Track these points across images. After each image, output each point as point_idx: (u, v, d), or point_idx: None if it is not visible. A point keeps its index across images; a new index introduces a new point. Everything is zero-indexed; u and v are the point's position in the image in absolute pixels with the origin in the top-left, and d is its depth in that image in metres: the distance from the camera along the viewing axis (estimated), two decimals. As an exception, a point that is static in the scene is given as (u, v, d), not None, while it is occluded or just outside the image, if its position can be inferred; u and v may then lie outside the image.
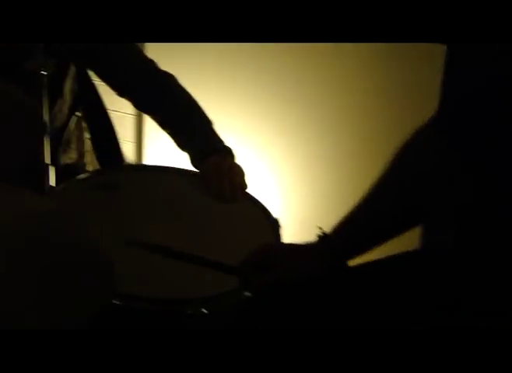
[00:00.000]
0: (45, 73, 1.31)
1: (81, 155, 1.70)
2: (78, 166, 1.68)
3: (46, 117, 1.34)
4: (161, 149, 2.31)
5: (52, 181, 1.42)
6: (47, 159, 1.38)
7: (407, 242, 1.04)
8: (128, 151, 2.49)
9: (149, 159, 2.48)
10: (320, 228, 1.02)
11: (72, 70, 1.52)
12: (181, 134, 1.51)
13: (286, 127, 2.15)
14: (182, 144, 1.50)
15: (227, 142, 1.48)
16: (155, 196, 1.34)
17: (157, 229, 1.21)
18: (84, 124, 1.65)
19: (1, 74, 1.30)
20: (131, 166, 1.71)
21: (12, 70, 1.42)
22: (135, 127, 2.43)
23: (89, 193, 1.31)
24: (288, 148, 2.18)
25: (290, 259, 1.02)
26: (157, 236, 1.19)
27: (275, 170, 2.23)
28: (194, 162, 1.46)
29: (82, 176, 1.37)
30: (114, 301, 1.01)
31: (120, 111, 2.21)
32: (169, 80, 1.56)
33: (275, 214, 1.33)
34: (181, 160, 1.51)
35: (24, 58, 1.36)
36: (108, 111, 1.67)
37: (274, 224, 1.29)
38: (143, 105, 1.56)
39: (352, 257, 1.01)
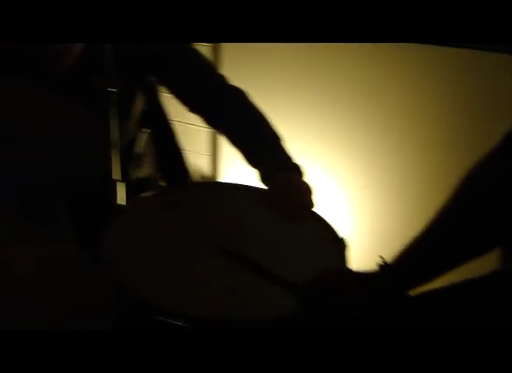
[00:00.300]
0: (114, 90, 1.33)
1: (154, 169, 1.72)
2: (152, 180, 1.70)
3: (115, 134, 1.36)
4: (236, 162, 2.32)
5: (121, 196, 1.44)
6: (116, 175, 1.40)
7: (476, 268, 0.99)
8: (203, 165, 2.51)
9: (223, 172, 2.49)
10: (381, 257, 0.99)
11: (141, 86, 1.54)
12: (251, 151, 1.50)
13: (354, 143, 2.12)
14: (251, 161, 1.49)
15: (296, 159, 1.46)
16: (219, 213, 1.33)
17: (216, 247, 1.20)
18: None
19: (69, 91, 1.33)
20: (196, 184, 1.71)
21: (80, 87, 1.45)
22: (210, 141, 2.44)
23: (153, 212, 1.31)
24: (356, 164, 2.15)
25: (353, 286, 0.99)
26: (217, 254, 1.18)
27: (343, 186, 2.20)
28: (262, 179, 1.44)
29: (147, 193, 1.37)
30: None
31: (195, 124, 2.23)
32: (239, 96, 1.55)
33: (342, 232, 1.30)
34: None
35: (93, 75, 1.38)
36: (175, 128, 1.68)
37: (340, 244, 1.25)
38: (213, 121, 1.55)
39: (416, 285, 0.97)
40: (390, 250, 1.02)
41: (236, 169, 2.34)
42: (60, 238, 1.00)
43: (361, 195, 2.17)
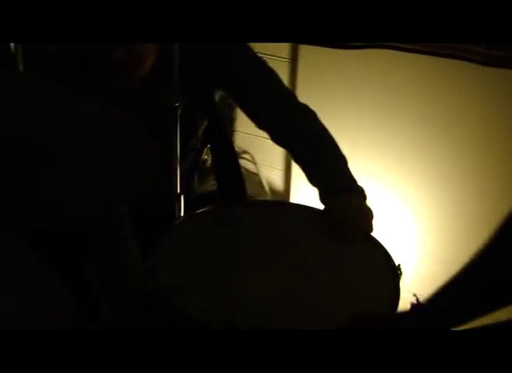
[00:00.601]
0: (178, 105, 1.35)
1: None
2: (215, 195, 1.72)
3: (178, 149, 1.38)
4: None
5: (183, 211, 1.46)
6: (179, 189, 1.42)
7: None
8: (276, 179, 2.52)
9: (296, 187, 2.49)
10: (415, 295, 0.95)
11: (205, 102, 1.56)
12: (313, 170, 1.49)
13: (424, 167, 2.09)
14: (313, 180, 1.48)
15: (362, 182, 1.44)
16: (272, 232, 1.33)
17: (268, 267, 1.20)
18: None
19: (134, 107, 1.36)
20: (252, 201, 1.72)
21: (145, 102, 1.49)
22: (284, 155, 2.45)
23: (206, 228, 1.33)
24: (425, 188, 2.11)
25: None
26: (268, 274, 1.18)
27: (412, 209, 2.17)
28: (322, 199, 1.43)
29: (203, 209, 1.39)
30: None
31: (268, 138, 2.25)
32: (307, 115, 1.55)
33: (406, 252, 1.27)
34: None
35: (159, 90, 1.41)
36: (234, 145, 1.69)
37: (394, 271, 1.22)
38: (278, 138, 1.56)
39: (448, 327, 0.93)
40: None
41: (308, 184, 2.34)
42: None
43: (430, 218, 2.13)
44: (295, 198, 2.46)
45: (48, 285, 0.93)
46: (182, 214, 1.45)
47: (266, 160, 2.50)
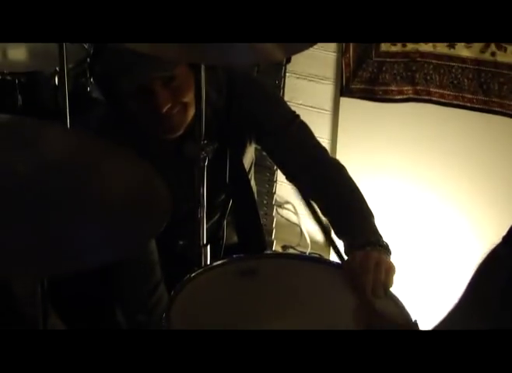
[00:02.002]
0: (205, 156, 1.37)
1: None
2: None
3: (203, 199, 1.41)
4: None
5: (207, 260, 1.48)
6: (205, 240, 1.45)
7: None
8: (317, 230, 2.53)
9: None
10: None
11: (229, 153, 1.61)
12: (339, 224, 1.51)
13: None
14: (338, 232, 1.50)
15: (387, 237, 1.44)
16: (288, 286, 1.33)
17: (282, 321, 1.20)
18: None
19: (164, 158, 1.41)
20: (270, 254, 1.73)
21: (170, 154, 1.55)
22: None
23: (223, 279, 1.34)
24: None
25: None
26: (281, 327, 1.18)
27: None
28: (346, 253, 1.45)
29: (223, 260, 1.41)
30: None
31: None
32: (336, 170, 1.58)
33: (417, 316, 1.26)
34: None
35: (184, 141, 1.47)
36: (255, 196, 1.71)
37: (408, 322, 1.22)
38: (307, 192, 1.58)
39: None
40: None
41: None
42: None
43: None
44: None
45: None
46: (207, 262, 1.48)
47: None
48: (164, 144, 1.59)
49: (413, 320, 1.25)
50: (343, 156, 1.85)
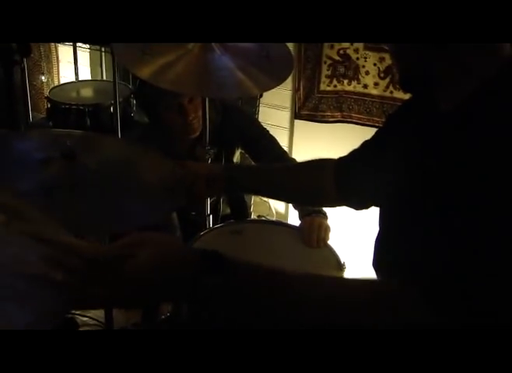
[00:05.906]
0: (208, 156, 1.37)
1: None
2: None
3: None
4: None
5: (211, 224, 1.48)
6: (208, 211, 1.45)
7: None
8: (281, 205, 2.53)
9: (292, 210, 2.49)
10: None
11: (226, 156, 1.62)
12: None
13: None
14: (294, 207, 1.54)
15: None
16: (263, 240, 1.34)
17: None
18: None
19: (179, 158, 1.41)
20: (250, 220, 1.72)
21: (186, 155, 1.56)
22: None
23: (220, 237, 1.34)
24: None
25: None
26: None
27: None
28: (299, 218, 1.48)
29: (220, 225, 1.41)
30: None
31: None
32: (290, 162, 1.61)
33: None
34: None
35: (195, 146, 1.48)
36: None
37: (339, 264, 1.26)
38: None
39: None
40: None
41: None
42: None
43: None
44: (292, 216, 2.47)
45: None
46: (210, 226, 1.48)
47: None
48: (184, 145, 1.61)
49: (342, 262, 1.28)
50: (297, 157, 1.87)
